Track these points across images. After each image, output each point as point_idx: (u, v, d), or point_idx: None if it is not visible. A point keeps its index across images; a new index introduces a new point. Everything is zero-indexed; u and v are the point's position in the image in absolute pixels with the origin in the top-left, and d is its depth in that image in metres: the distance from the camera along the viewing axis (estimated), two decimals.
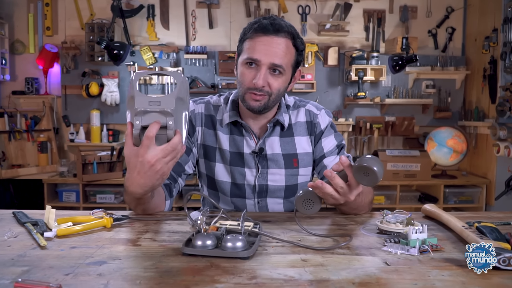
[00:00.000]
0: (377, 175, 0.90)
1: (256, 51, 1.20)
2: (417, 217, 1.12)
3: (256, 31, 1.22)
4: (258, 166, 1.35)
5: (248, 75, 1.23)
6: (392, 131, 3.82)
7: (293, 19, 3.78)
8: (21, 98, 3.68)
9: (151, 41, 3.72)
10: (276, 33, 1.21)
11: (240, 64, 1.26)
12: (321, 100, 3.79)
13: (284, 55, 1.22)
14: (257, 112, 1.28)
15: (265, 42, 1.20)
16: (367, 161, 0.91)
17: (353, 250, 0.85)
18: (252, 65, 1.23)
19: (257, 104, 1.25)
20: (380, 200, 3.45)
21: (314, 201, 0.99)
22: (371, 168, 0.90)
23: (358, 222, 1.08)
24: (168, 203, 1.26)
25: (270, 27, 1.20)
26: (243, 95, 1.26)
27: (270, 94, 1.25)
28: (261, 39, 1.21)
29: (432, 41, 3.86)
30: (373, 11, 3.82)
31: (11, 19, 3.68)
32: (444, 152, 3.48)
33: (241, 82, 1.25)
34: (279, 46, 1.21)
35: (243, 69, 1.24)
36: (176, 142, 0.95)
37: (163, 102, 0.93)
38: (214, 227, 0.91)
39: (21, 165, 3.45)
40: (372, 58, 3.66)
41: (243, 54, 1.24)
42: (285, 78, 1.26)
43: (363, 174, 0.92)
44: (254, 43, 1.21)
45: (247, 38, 1.24)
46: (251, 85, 1.22)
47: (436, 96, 3.85)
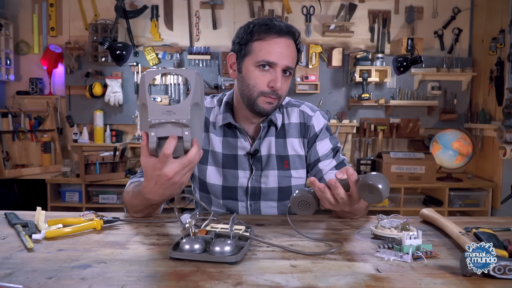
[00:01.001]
0: (382, 194, 0.87)
1: (273, 54, 1.19)
2: (414, 222, 1.10)
3: (269, 32, 1.20)
4: (252, 167, 1.33)
5: (263, 78, 1.21)
6: (397, 133, 3.78)
7: (297, 19, 3.76)
8: (25, 98, 3.69)
9: (154, 41, 3.71)
10: (288, 35, 1.21)
11: (250, 67, 1.22)
12: (325, 101, 3.76)
13: (294, 57, 1.24)
14: (268, 114, 1.27)
15: (280, 44, 1.20)
16: (373, 179, 0.88)
17: (344, 256, 0.83)
18: (265, 67, 1.21)
19: (270, 107, 1.24)
20: (384, 202, 3.41)
21: (310, 203, 0.97)
22: (376, 186, 0.87)
23: (354, 226, 1.06)
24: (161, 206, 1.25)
25: (285, 29, 1.21)
26: (255, 99, 1.22)
27: (280, 97, 1.24)
28: (277, 41, 1.20)
29: (438, 42, 3.82)
30: (378, 12, 3.79)
31: (16, 20, 3.70)
32: (449, 154, 3.44)
33: (254, 85, 1.22)
34: (290, 48, 1.22)
35: (256, 72, 1.21)
36: (193, 155, 0.94)
37: (178, 112, 0.90)
38: (203, 230, 0.89)
39: (24, 165, 3.47)
40: (377, 59, 3.63)
41: (254, 56, 1.21)
42: (290, 79, 1.27)
43: (367, 191, 0.89)
44: (269, 46, 1.20)
45: (257, 39, 1.21)
46: (267, 89, 1.21)
47: (441, 98, 3.80)
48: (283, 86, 1.22)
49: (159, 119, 0.90)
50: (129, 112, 3.70)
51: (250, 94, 1.23)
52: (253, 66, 1.22)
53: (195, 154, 0.94)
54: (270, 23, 1.21)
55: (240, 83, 1.27)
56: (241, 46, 1.25)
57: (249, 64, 1.22)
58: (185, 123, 0.90)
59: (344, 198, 0.93)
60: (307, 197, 0.97)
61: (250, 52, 1.22)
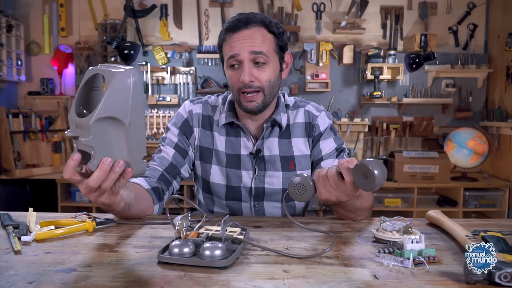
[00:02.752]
0: (375, 181, 0.84)
1: (233, 47, 1.18)
2: (420, 225, 1.04)
3: (227, 31, 1.20)
4: (255, 168, 1.30)
5: (234, 76, 1.21)
6: (410, 132, 3.69)
7: (308, 17, 3.70)
8: (36, 98, 3.73)
9: (164, 41, 3.70)
10: (246, 26, 1.18)
11: (226, 70, 1.24)
12: (336, 99, 3.70)
13: (262, 42, 1.18)
14: (256, 112, 1.23)
15: (240, 36, 1.18)
16: (371, 163, 0.85)
17: (341, 261, 0.78)
18: (235, 66, 1.20)
19: (253, 105, 1.21)
20: (396, 203, 3.34)
21: (307, 187, 0.94)
22: (371, 171, 0.84)
23: (355, 229, 1.01)
24: (157, 207, 1.21)
25: (239, 23, 1.19)
26: (238, 99, 1.23)
27: (263, 89, 1.20)
28: (234, 36, 1.19)
29: (452, 39, 3.72)
30: (390, 8, 3.71)
31: (27, 21, 3.73)
32: (464, 153, 3.34)
33: (231, 86, 1.23)
34: (253, 36, 1.18)
35: (229, 73, 1.23)
36: (92, 179, 0.82)
37: (84, 128, 0.78)
38: (195, 233, 0.85)
39: (35, 165, 3.49)
40: (389, 56, 3.55)
41: (225, 58, 1.23)
42: (272, 67, 1.22)
43: (362, 175, 0.86)
44: (229, 43, 1.19)
45: (223, 42, 1.23)
46: (240, 84, 1.19)
47: (456, 95, 3.70)
48: (258, 76, 1.19)
49: (72, 132, 0.80)
50: None
51: (234, 95, 1.25)
52: (227, 69, 1.23)
53: (94, 179, 0.82)
54: (229, 24, 1.21)
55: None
56: (220, 56, 1.28)
57: (225, 67, 1.24)
58: (86, 143, 0.78)
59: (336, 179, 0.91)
60: (304, 180, 0.94)
61: (223, 56, 1.24)
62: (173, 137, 1.31)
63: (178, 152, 1.29)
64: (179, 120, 1.34)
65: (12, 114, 3.41)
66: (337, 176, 0.92)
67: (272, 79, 1.21)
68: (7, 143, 3.31)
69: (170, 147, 1.30)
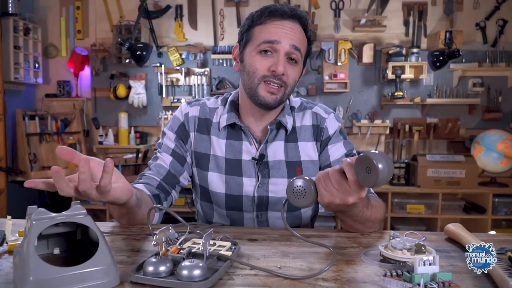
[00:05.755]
0: (379, 176, 0.74)
1: (274, 33, 1.07)
2: (438, 240, 0.92)
3: (270, 14, 1.09)
4: (258, 175, 1.18)
5: (264, 62, 1.09)
6: (435, 134, 3.51)
7: (326, 15, 3.58)
8: (54, 100, 3.74)
9: (179, 41, 3.65)
10: (293, 18, 1.09)
11: (251, 54, 1.11)
12: (355, 100, 3.56)
13: (301, 41, 1.10)
14: (272, 107, 1.13)
15: (282, 25, 1.08)
16: (375, 156, 0.75)
17: (340, 284, 0.67)
18: (267, 53, 1.08)
19: (273, 98, 1.10)
20: (419, 209, 3.17)
21: (307, 191, 0.85)
22: (375, 165, 0.75)
23: (362, 244, 0.90)
24: (157, 215, 1.13)
25: (288, 11, 1.08)
26: (256, 88, 1.10)
27: (286, 86, 1.10)
28: (278, 22, 1.08)
29: (480, 35, 3.52)
30: (413, 4, 3.54)
31: (45, 24, 3.75)
32: (493, 157, 3.14)
33: (254, 71, 1.09)
34: (296, 31, 1.09)
35: (257, 57, 1.09)
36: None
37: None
38: (176, 248, 0.76)
39: (51, 167, 3.49)
40: (412, 54, 3.38)
41: (255, 41, 1.10)
42: (299, 69, 1.13)
43: (365, 169, 0.77)
44: (269, 27, 1.08)
45: (257, 24, 1.10)
46: (268, 73, 1.08)
47: (484, 95, 3.49)
48: (288, 72, 1.09)
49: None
50: (153, 113, 3.65)
51: (251, 82, 1.11)
52: (254, 52, 1.10)
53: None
54: (271, 7, 1.10)
55: (242, 74, 1.15)
56: (242, 35, 1.14)
57: (250, 51, 1.11)
58: None
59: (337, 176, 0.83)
60: (304, 182, 0.85)
61: (251, 38, 1.11)
62: (170, 142, 1.21)
63: (175, 159, 1.19)
64: (175, 124, 1.23)
65: (28, 116, 3.42)
66: (339, 174, 0.83)
67: (296, 80, 1.14)
68: (23, 145, 3.32)
69: (167, 154, 1.20)
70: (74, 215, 0.71)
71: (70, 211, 0.72)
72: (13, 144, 3.41)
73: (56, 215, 0.70)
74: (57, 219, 0.70)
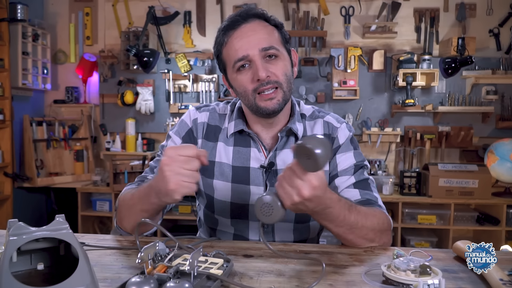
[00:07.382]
0: (319, 161, 0.75)
1: (239, 49, 1.04)
2: (446, 259, 0.86)
3: (226, 31, 1.07)
4: (267, 183, 1.14)
5: (246, 77, 1.06)
6: (447, 143, 3.42)
7: (336, 21, 3.53)
8: (62, 107, 3.74)
9: (187, 48, 3.63)
10: (245, 20, 1.05)
11: (232, 76, 1.09)
12: (365, 108, 3.49)
13: (268, 35, 1.06)
14: (277, 111, 1.09)
15: (242, 35, 1.05)
16: (310, 141, 0.76)
17: None
18: (245, 67, 1.06)
19: (274, 103, 1.06)
20: (431, 220, 3.08)
21: (273, 205, 0.81)
22: (311, 151, 0.75)
23: (364, 262, 0.84)
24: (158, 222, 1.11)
25: (240, 18, 1.06)
26: (254, 103, 1.07)
27: (281, 84, 1.06)
28: (237, 34, 1.05)
29: (493, 42, 3.43)
30: (425, 10, 3.48)
31: (54, 30, 3.76)
32: (508, 167, 3.04)
33: (244, 91, 1.08)
34: (258, 30, 1.06)
35: (238, 78, 1.08)
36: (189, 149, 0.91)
37: None
38: (163, 266, 0.71)
39: (58, 173, 3.49)
40: (423, 61, 3.31)
41: (228, 64, 1.08)
42: (283, 60, 1.09)
43: (305, 156, 0.77)
44: (232, 44, 1.05)
45: (222, 47, 1.08)
46: (255, 84, 1.05)
47: (498, 103, 3.40)
48: (273, 70, 1.05)
49: None
50: (160, 120, 3.63)
51: (248, 101, 1.09)
52: (234, 74, 1.08)
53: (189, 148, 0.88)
54: (225, 22, 1.08)
55: (238, 96, 1.13)
56: (219, 63, 1.14)
57: (231, 74, 1.09)
58: None
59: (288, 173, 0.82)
60: (267, 198, 0.82)
61: (225, 62, 1.10)
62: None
63: None
64: (182, 129, 1.21)
65: (36, 122, 3.43)
66: (288, 171, 0.82)
67: (287, 73, 1.08)
68: (30, 151, 3.32)
69: None
70: (54, 230, 0.67)
71: (52, 225, 0.68)
72: (20, 150, 3.41)
73: (36, 230, 0.67)
74: (36, 235, 0.66)
